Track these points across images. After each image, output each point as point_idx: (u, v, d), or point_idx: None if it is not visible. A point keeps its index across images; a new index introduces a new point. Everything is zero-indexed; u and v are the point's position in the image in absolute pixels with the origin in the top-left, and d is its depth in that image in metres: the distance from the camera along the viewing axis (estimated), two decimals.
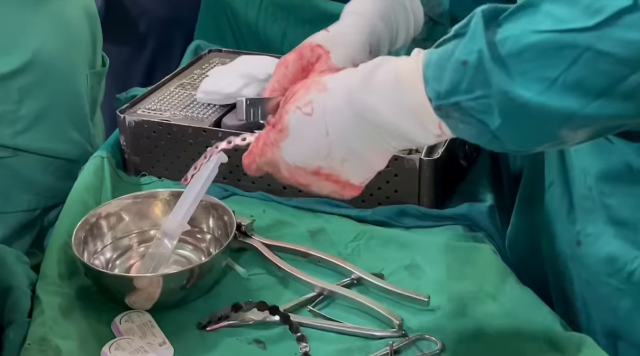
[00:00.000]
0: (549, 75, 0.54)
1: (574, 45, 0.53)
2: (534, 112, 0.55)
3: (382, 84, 0.62)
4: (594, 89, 0.54)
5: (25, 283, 0.86)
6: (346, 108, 0.64)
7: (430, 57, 0.60)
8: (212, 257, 0.90)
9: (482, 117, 0.57)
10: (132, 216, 1.01)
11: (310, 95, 0.66)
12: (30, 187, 1.20)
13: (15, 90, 1.13)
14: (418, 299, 0.88)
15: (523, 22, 0.55)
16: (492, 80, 0.55)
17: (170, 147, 1.14)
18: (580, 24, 0.53)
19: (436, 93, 0.59)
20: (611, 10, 0.52)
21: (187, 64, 1.36)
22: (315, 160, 0.67)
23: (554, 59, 0.53)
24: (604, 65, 0.53)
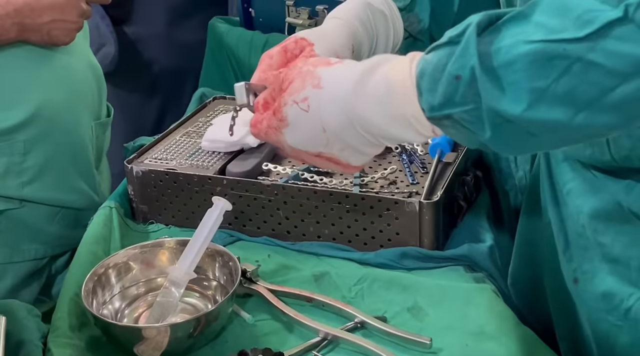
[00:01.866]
0: (539, 85, 0.54)
1: (565, 56, 0.54)
2: (522, 126, 0.56)
3: (375, 92, 0.64)
4: (583, 100, 0.54)
5: (37, 337, 0.88)
6: (340, 115, 0.67)
7: (424, 67, 0.61)
8: (219, 305, 0.92)
9: (473, 128, 0.59)
10: (140, 265, 1.03)
11: (305, 90, 0.69)
12: (38, 236, 1.22)
13: (20, 143, 1.16)
14: (421, 342, 0.89)
15: (515, 31, 0.56)
16: (483, 95, 0.57)
17: (176, 195, 1.17)
18: (571, 34, 0.53)
19: (429, 106, 0.61)
20: (602, 22, 0.53)
21: (193, 112, 1.40)
22: (315, 147, 0.71)
23: (545, 69, 0.54)
24: (594, 76, 0.53)
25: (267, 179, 1.15)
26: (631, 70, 0.52)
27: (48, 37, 1.16)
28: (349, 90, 0.65)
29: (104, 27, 1.69)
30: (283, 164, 1.21)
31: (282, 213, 1.12)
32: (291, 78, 0.70)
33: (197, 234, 0.99)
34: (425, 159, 1.18)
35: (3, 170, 1.15)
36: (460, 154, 1.16)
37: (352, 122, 0.67)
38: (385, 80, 0.63)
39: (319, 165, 0.76)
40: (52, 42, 1.17)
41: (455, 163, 1.14)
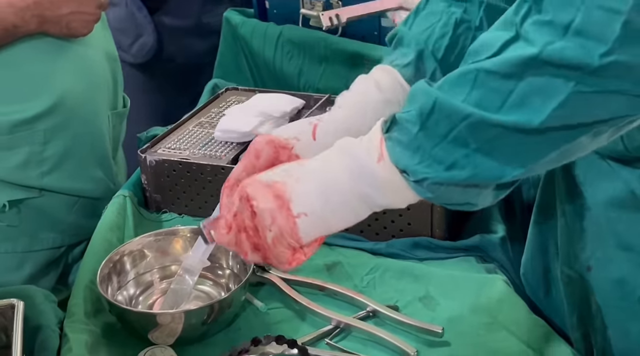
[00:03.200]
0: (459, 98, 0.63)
1: (470, 70, 0.63)
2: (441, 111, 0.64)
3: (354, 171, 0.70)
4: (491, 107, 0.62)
5: (53, 322, 0.89)
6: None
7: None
8: (232, 292, 0.93)
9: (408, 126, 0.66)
10: (154, 253, 1.04)
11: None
12: (56, 225, 1.24)
13: (41, 133, 1.17)
14: (432, 331, 0.90)
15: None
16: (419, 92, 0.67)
17: (189, 184, 1.18)
18: (480, 58, 0.63)
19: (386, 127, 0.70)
20: (500, 43, 0.63)
21: (205, 102, 1.40)
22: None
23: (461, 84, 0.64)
24: (493, 82, 0.62)
25: None
26: (519, 68, 0.60)
27: (67, 29, 1.17)
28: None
29: (141, 17, 1.70)
30: None
31: None
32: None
33: None
34: None
35: (24, 159, 1.17)
36: None
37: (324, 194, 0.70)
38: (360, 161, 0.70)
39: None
40: (70, 33, 1.18)
41: None
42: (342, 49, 1.49)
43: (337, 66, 1.50)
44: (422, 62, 0.85)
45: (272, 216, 0.70)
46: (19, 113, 1.15)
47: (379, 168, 0.67)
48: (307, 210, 0.69)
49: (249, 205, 0.71)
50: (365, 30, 1.53)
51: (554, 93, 0.60)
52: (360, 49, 1.49)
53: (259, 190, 0.70)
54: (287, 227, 0.70)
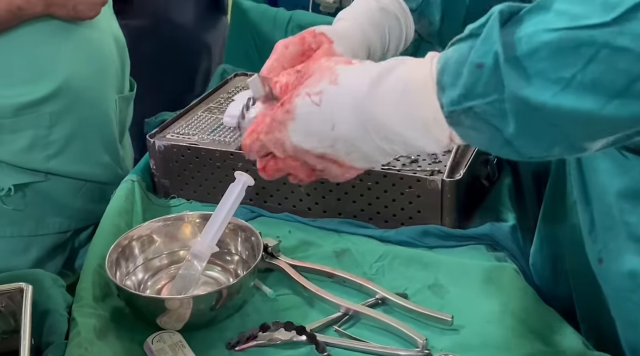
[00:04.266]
0: (565, 74, 0.52)
1: (591, 42, 0.51)
2: (549, 114, 0.54)
3: (391, 93, 0.61)
4: (612, 88, 0.52)
5: (62, 306, 0.89)
6: (351, 112, 0.64)
7: (445, 62, 0.59)
8: (241, 278, 0.93)
9: (495, 122, 0.56)
10: (163, 238, 1.04)
11: (321, 84, 0.66)
12: (62, 210, 1.24)
13: (46, 116, 1.17)
14: (442, 319, 0.89)
15: (537, 20, 0.54)
16: (506, 82, 0.54)
17: (198, 170, 1.18)
18: (597, 19, 0.51)
19: (450, 100, 0.58)
20: (629, 4, 0.50)
21: (214, 88, 1.40)
22: (320, 147, 0.68)
23: (570, 58, 0.52)
24: (622, 62, 0.51)
25: None
26: None
27: (74, 12, 1.16)
28: (364, 90, 0.63)
29: None
30: None
31: (303, 189, 1.12)
32: (311, 72, 0.68)
33: (220, 208, 0.99)
34: None
35: (29, 142, 1.17)
36: None
37: (364, 124, 0.64)
38: (403, 80, 0.61)
39: (320, 167, 0.70)
40: (77, 16, 1.18)
41: None
42: None
43: None
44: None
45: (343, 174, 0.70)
46: (24, 96, 1.15)
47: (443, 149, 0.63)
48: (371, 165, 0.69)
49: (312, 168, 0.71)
50: None
51: None
52: None
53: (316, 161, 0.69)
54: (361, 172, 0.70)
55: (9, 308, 0.84)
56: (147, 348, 0.88)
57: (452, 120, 0.59)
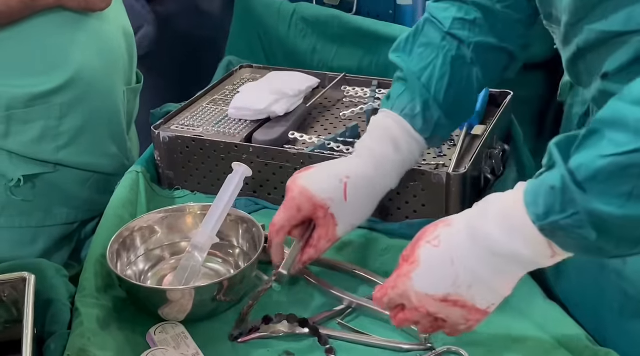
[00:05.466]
0: (624, 190, 0.61)
1: (634, 164, 0.61)
2: (621, 222, 0.62)
3: (496, 214, 0.70)
4: None
5: (65, 296, 0.89)
6: (467, 238, 0.72)
7: (528, 187, 0.69)
8: (243, 269, 0.93)
9: (580, 232, 0.64)
10: (164, 229, 1.04)
11: (437, 230, 0.75)
12: (70, 201, 1.24)
13: (57, 107, 1.17)
14: None
15: (591, 149, 0.63)
16: (577, 200, 0.63)
17: (203, 161, 1.17)
18: (633, 146, 0.61)
19: (536, 216, 0.67)
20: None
21: (219, 80, 1.39)
22: (443, 288, 0.74)
23: (623, 178, 0.61)
24: None
25: (293, 148, 1.15)
26: None
27: (85, 3, 1.16)
28: (474, 215, 0.72)
29: (139, 7, 1.68)
30: (309, 133, 1.21)
31: None
32: (429, 229, 0.77)
33: (218, 199, 0.99)
34: (454, 132, 1.17)
35: (39, 133, 1.17)
36: (489, 128, 1.15)
37: (477, 243, 0.71)
38: (502, 203, 0.70)
39: (444, 314, 0.76)
40: (88, 7, 1.18)
41: (484, 137, 1.13)
42: (356, 27, 1.48)
43: (352, 45, 1.48)
44: (428, 111, 0.94)
45: (466, 318, 0.76)
46: (35, 87, 1.14)
47: (552, 260, 0.70)
48: (492, 302, 0.75)
49: (436, 318, 0.78)
50: (380, 9, 1.52)
51: None
52: (375, 27, 1.47)
53: (440, 307, 0.75)
54: (482, 318, 0.77)
55: (11, 298, 0.84)
56: (150, 339, 0.88)
57: (545, 232, 0.67)
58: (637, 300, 0.84)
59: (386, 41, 1.48)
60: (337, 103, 1.34)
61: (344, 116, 1.28)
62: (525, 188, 0.69)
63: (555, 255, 0.69)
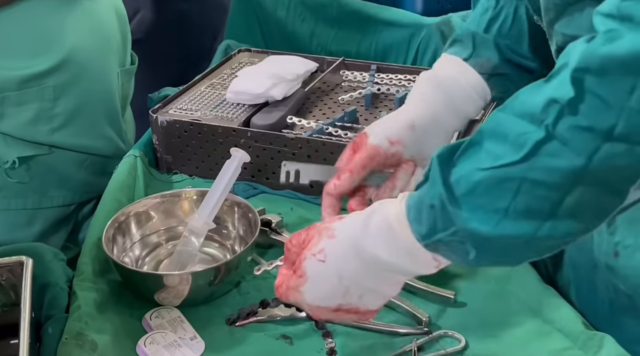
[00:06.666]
0: (500, 206, 0.60)
1: (511, 178, 0.59)
2: (497, 241, 0.61)
3: (377, 230, 0.68)
4: (541, 213, 0.59)
5: (62, 280, 0.89)
6: (352, 255, 0.70)
7: (410, 202, 0.67)
8: (239, 254, 0.93)
9: (463, 247, 0.63)
10: (160, 214, 1.04)
11: (321, 242, 0.72)
12: (66, 183, 1.24)
13: (50, 88, 1.17)
14: (445, 296, 0.89)
15: (471, 160, 0.62)
16: (455, 219, 0.62)
17: (201, 146, 1.17)
18: (510, 158, 0.59)
19: (420, 235, 0.65)
20: (532, 143, 0.58)
21: (217, 64, 1.39)
22: (334, 301, 0.73)
23: (499, 192, 0.60)
24: (541, 191, 0.58)
25: (291, 132, 1.15)
26: (569, 181, 0.58)
27: None
28: (357, 233, 0.70)
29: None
30: (308, 118, 1.21)
31: None
32: (311, 236, 0.74)
33: (216, 185, 0.99)
34: None
35: (33, 115, 1.16)
36: (488, 112, 1.15)
37: (365, 261, 0.69)
38: (384, 218, 0.68)
39: (339, 320, 0.77)
40: None
41: (482, 121, 1.12)
42: (355, 11, 1.47)
43: (350, 28, 1.48)
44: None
45: (360, 318, 0.76)
46: (28, 69, 1.14)
47: (438, 268, 0.69)
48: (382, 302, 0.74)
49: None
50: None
51: (606, 205, 0.60)
52: (374, 10, 1.46)
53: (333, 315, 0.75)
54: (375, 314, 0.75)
55: (9, 281, 0.84)
56: (146, 324, 0.88)
57: (430, 248, 0.66)
58: (627, 295, 0.84)
59: (385, 25, 1.48)
60: (335, 88, 1.33)
61: (342, 100, 1.28)
62: (407, 203, 0.67)
63: (441, 264, 0.68)
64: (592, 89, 0.56)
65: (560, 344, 0.82)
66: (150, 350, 0.83)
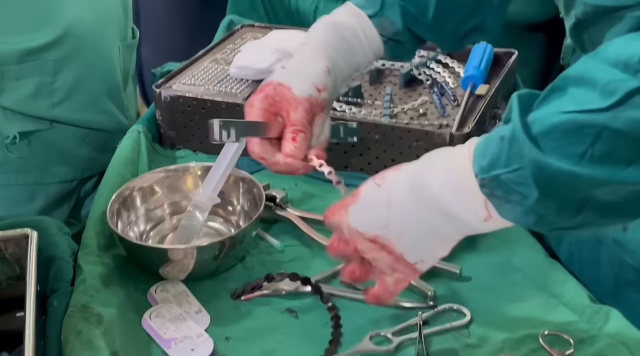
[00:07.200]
0: (577, 150, 0.58)
1: (592, 125, 0.58)
2: (567, 180, 0.59)
3: (439, 166, 0.68)
4: (623, 159, 0.58)
5: (67, 253, 0.89)
6: (406, 184, 0.70)
7: (481, 139, 0.66)
8: (244, 229, 0.93)
9: (521, 190, 0.61)
10: (164, 189, 1.03)
11: (388, 172, 0.73)
12: (67, 158, 1.23)
13: (50, 62, 1.16)
14: (450, 271, 0.89)
15: (552, 104, 0.60)
16: (525, 152, 0.60)
17: (204, 121, 1.16)
18: (596, 105, 0.58)
19: (480, 168, 0.64)
20: (623, 92, 0.56)
21: (220, 39, 1.38)
22: (374, 227, 0.72)
23: (578, 137, 0.58)
24: (622, 141, 0.57)
25: None
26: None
27: None
28: (418, 167, 0.70)
29: None
30: None
31: None
32: None
33: (220, 159, 0.98)
34: (457, 92, 1.16)
35: (34, 90, 1.16)
36: (493, 87, 1.14)
37: (416, 192, 0.68)
38: (448, 157, 0.68)
39: (371, 256, 0.74)
40: None
41: (488, 96, 1.12)
42: None
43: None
44: None
45: (392, 267, 0.73)
46: (27, 43, 1.13)
47: (486, 225, 0.67)
48: (421, 258, 0.72)
49: (363, 259, 0.75)
50: None
51: None
52: None
53: (368, 246, 0.73)
54: (410, 272, 0.73)
55: (14, 255, 0.84)
56: (151, 298, 0.88)
57: (484, 189, 0.64)
58: (634, 268, 0.84)
59: None
60: None
61: None
62: (478, 140, 0.66)
63: (489, 219, 0.65)
64: None
65: (565, 318, 0.83)
66: (155, 323, 0.83)
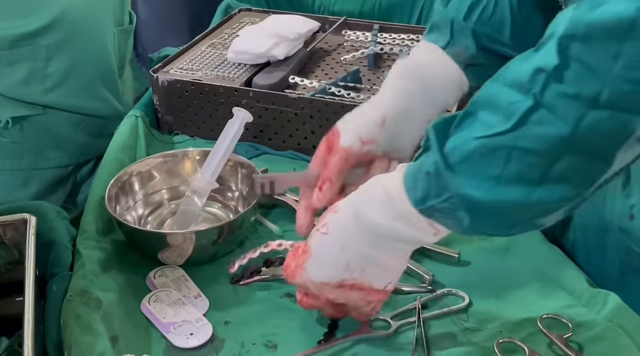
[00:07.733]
0: (493, 173, 0.61)
1: (502, 146, 0.61)
2: (490, 207, 0.63)
3: (376, 197, 0.70)
4: (532, 179, 0.61)
5: (66, 238, 0.89)
6: (352, 223, 0.71)
7: (408, 170, 0.69)
8: (243, 214, 0.92)
9: (456, 215, 0.65)
10: (163, 174, 1.03)
11: (326, 217, 0.74)
12: (62, 144, 1.23)
13: (43, 48, 1.15)
14: (449, 255, 0.90)
15: (465, 131, 0.63)
16: (450, 185, 0.63)
17: (202, 106, 1.16)
18: (502, 127, 0.60)
19: (415, 200, 0.67)
20: (521, 112, 0.59)
21: (218, 23, 1.37)
22: (336, 274, 0.73)
23: (492, 160, 0.61)
24: (531, 159, 0.60)
25: (293, 92, 1.14)
26: (557, 149, 0.59)
27: None
28: (359, 203, 0.71)
29: None
30: (310, 78, 1.20)
31: (308, 127, 1.11)
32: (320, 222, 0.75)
33: (218, 144, 0.98)
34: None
35: (26, 75, 1.15)
36: None
37: (364, 227, 0.70)
38: (383, 187, 0.70)
39: (343, 299, 0.76)
40: None
41: None
42: None
43: None
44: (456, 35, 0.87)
45: (366, 300, 0.76)
46: (19, 28, 1.12)
47: (437, 237, 0.70)
48: (388, 280, 0.75)
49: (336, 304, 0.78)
50: None
51: (594, 171, 0.60)
52: None
53: (337, 293, 0.75)
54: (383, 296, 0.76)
55: (13, 239, 0.84)
56: (150, 283, 0.88)
57: (425, 214, 0.67)
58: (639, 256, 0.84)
59: None
60: (337, 48, 1.32)
61: (344, 60, 1.26)
62: (405, 171, 0.69)
63: (439, 232, 0.69)
64: (577, 56, 0.57)
65: (564, 302, 0.83)
66: (154, 307, 0.83)
